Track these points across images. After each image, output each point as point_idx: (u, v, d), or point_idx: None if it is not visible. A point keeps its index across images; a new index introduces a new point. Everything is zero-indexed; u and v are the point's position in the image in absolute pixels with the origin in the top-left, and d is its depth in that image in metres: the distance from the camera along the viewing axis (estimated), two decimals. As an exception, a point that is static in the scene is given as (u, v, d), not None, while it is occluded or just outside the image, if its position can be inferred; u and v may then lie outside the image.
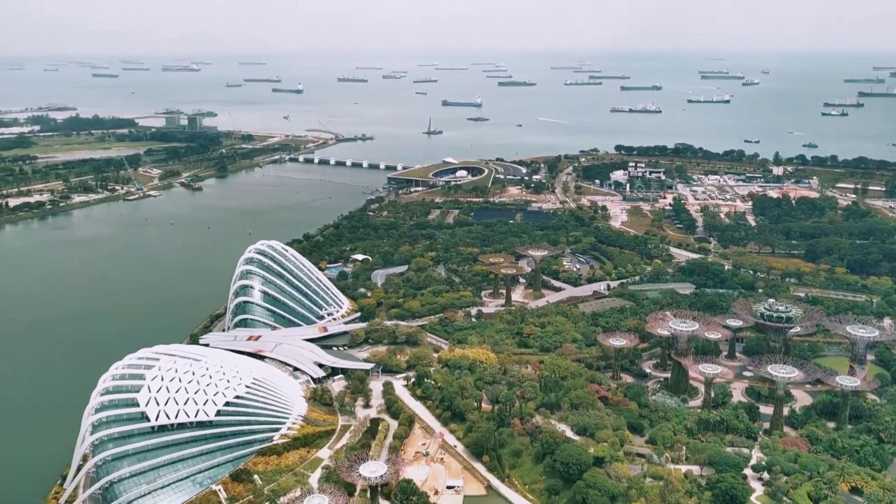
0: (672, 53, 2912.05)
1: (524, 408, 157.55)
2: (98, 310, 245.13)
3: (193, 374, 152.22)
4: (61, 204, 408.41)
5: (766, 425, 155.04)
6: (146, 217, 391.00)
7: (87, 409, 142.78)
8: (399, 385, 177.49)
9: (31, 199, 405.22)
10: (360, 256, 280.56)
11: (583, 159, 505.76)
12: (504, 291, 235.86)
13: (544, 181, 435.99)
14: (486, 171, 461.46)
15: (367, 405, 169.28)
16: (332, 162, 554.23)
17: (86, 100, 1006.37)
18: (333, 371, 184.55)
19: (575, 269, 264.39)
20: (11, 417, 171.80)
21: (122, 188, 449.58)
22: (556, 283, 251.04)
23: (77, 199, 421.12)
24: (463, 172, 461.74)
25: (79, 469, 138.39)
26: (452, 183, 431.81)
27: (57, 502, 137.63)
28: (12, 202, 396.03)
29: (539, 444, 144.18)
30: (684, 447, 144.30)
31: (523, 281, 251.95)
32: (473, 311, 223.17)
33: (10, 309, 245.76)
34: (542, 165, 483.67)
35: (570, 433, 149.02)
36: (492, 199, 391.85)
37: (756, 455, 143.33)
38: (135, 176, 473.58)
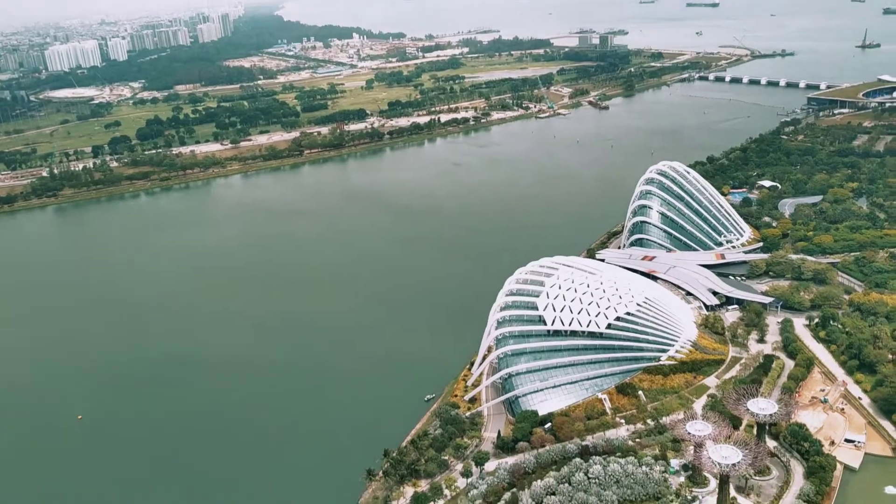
0: None
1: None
2: (510, 220, 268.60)
3: (588, 286, 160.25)
4: (482, 120, 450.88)
5: None
6: (554, 135, 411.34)
7: (494, 306, 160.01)
8: (799, 324, 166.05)
9: (458, 116, 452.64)
10: (767, 183, 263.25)
11: None
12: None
13: None
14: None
15: (761, 340, 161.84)
16: (744, 80, 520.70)
17: (508, 22, 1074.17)
18: (728, 300, 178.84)
19: None
20: (438, 309, 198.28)
21: (535, 106, 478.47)
22: None
23: (495, 115, 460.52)
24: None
25: (483, 358, 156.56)
26: (888, 105, 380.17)
27: (465, 383, 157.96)
28: (443, 118, 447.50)
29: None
30: None
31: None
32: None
33: (436, 217, 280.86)
34: None
35: None
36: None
37: None
38: (547, 95, 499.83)
